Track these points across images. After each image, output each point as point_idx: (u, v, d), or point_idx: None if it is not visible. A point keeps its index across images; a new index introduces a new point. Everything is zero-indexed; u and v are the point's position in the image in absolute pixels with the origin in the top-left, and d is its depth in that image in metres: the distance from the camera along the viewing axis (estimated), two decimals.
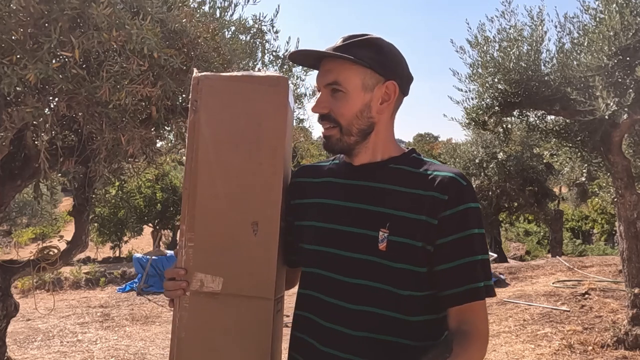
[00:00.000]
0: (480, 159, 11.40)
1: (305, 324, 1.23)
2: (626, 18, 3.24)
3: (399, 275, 1.12)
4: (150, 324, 6.63)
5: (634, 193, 4.29)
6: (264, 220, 1.19)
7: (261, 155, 1.20)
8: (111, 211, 15.09)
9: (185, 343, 1.20)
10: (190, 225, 1.20)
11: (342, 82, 1.16)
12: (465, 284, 1.11)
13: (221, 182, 1.20)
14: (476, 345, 1.10)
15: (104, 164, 3.15)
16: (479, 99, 4.28)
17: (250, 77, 1.22)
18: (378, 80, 1.18)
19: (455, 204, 1.11)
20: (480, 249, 1.12)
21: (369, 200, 1.16)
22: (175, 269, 1.21)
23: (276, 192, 1.20)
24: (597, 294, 6.08)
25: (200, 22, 2.83)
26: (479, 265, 1.12)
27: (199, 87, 1.21)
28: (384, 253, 1.11)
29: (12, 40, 2.09)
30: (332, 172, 1.28)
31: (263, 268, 1.18)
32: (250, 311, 1.18)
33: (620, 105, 3.27)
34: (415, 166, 1.19)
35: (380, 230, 1.12)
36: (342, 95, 1.17)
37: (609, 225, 19.30)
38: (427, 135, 51.79)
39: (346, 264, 1.15)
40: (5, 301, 3.43)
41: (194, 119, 1.21)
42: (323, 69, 1.20)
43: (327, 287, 1.18)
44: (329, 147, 1.21)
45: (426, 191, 1.13)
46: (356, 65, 1.16)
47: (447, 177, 1.13)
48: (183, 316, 1.20)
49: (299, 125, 4.38)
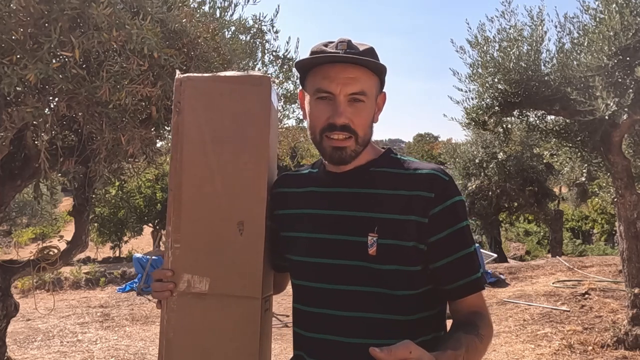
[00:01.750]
0: (480, 159, 11.41)
1: (297, 339, 1.23)
2: (626, 18, 3.24)
3: (390, 276, 1.12)
4: (150, 324, 6.63)
5: (634, 193, 4.29)
6: (249, 220, 1.19)
7: (246, 154, 1.20)
8: (111, 211, 15.12)
9: (173, 344, 1.21)
10: (177, 226, 1.21)
11: (367, 92, 1.15)
12: (467, 276, 1.14)
13: (206, 183, 1.21)
14: (491, 325, 1.17)
15: (104, 164, 3.15)
16: (479, 99, 4.28)
17: (233, 77, 1.23)
18: (378, 90, 1.20)
19: (442, 199, 1.12)
20: (471, 240, 1.16)
21: (355, 207, 1.16)
22: (162, 270, 1.21)
23: (261, 191, 1.20)
24: (597, 294, 6.08)
25: (200, 22, 2.83)
26: (473, 256, 1.16)
27: (181, 88, 1.22)
28: (373, 257, 1.11)
29: (12, 40, 2.09)
30: (314, 180, 1.26)
31: (250, 267, 1.19)
32: (238, 311, 1.19)
33: (620, 106, 3.28)
34: (395, 166, 1.19)
35: (368, 235, 1.12)
36: (362, 106, 1.15)
37: (609, 225, 19.30)
38: (427, 135, 51.85)
39: (336, 272, 1.15)
40: (5, 301, 3.43)
41: (177, 120, 1.22)
42: (344, 76, 1.13)
43: (316, 299, 1.17)
44: (343, 158, 1.16)
45: (411, 191, 1.13)
46: (374, 76, 1.17)
47: (430, 174, 1.14)
48: (171, 317, 1.21)
49: (299, 125, 4.38)
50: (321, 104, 1.15)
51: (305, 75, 1.21)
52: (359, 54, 1.14)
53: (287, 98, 3.88)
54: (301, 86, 1.26)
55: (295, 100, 3.88)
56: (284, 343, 5.22)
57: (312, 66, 1.17)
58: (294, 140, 4.42)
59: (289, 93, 3.87)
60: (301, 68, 1.21)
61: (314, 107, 1.17)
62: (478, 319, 1.13)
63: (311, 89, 1.18)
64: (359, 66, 1.13)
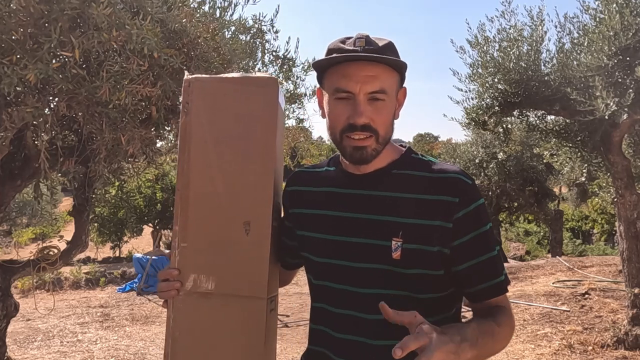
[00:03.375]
0: (480, 159, 11.41)
1: (321, 337, 1.23)
2: (626, 18, 3.24)
3: (414, 280, 1.12)
4: (150, 324, 6.63)
5: (634, 193, 4.29)
6: (256, 220, 1.19)
7: (252, 155, 1.20)
8: (111, 211, 15.10)
9: (179, 343, 1.21)
10: (183, 226, 1.21)
11: (387, 90, 1.12)
12: (491, 279, 1.13)
13: (213, 183, 1.21)
14: (511, 320, 1.15)
15: (104, 164, 3.14)
16: (479, 99, 4.28)
17: (240, 78, 1.23)
18: (399, 86, 1.18)
19: (467, 204, 1.11)
20: (494, 243, 1.16)
21: (378, 210, 1.15)
22: (168, 270, 1.21)
23: (267, 192, 1.20)
24: (597, 294, 6.08)
25: (200, 22, 2.83)
26: (497, 259, 1.15)
27: (190, 89, 1.23)
28: (397, 261, 1.11)
29: (12, 40, 2.09)
30: (332, 181, 1.25)
31: (256, 267, 1.19)
32: (244, 310, 1.19)
33: (620, 105, 3.27)
34: (417, 169, 1.18)
35: (392, 239, 1.11)
36: (383, 104, 1.12)
37: (609, 225, 19.30)
38: (427, 135, 51.86)
39: (358, 275, 1.14)
40: (5, 301, 3.43)
41: (185, 120, 1.22)
42: (363, 74, 1.10)
43: (340, 299, 1.17)
44: (365, 157, 1.14)
45: (435, 195, 1.12)
46: (394, 72, 1.14)
47: (453, 178, 1.13)
48: (177, 316, 1.21)
49: (299, 125, 4.39)
50: (340, 103, 1.13)
51: (323, 73, 1.18)
52: (378, 50, 1.10)
53: (287, 98, 3.88)
54: (319, 84, 1.23)
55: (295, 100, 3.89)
56: (284, 343, 5.22)
57: (330, 65, 1.14)
58: (294, 140, 4.43)
59: (288, 93, 3.87)
60: (319, 67, 1.18)
61: (333, 107, 1.14)
62: (496, 311, 1.13)
63: (330, 88, 1.15)
64: (379, 63, 1.10)
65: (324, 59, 1.13)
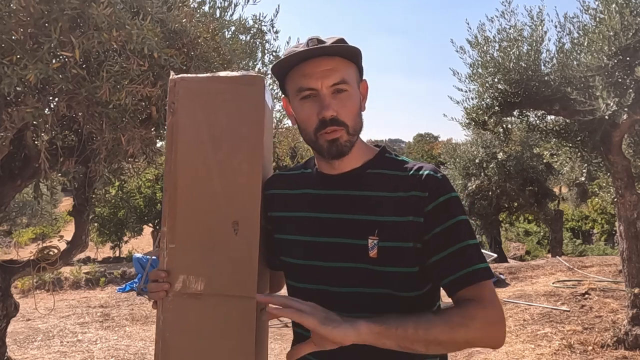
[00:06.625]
0: (480, 159, 11.41)
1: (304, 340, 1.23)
2: (626, 18, 3.24)
3: (393, 277, 1.12)
4: (150, 324, 6.63)
5: (634, 193, 4.29)
6: (244, 219, 1.19)
7: (240, 154, 1.20)
8: (111, 211, 15.11)
9: (169, 344, 1.21)
10: (172, 227, 1.21)
11: (348, 80, 1.15)
12: (463, 269, 1.09)
13: (201, 183, 1.21)
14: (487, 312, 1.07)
15: (104, 164, 3.15)
16: (479, 99, 4.28)
17: (226, 77, 1.23)
18: (359, 77, 1.21)
19: (435, 196, 1.12)
20: (468, 235, 1.12)
21: (354, 210, 1.16)
22: (157, 271, 1.21)
23: (256, 191, 1.20)
24: (597, 294, 6.08)
25: (200, 22, 2.83)
26: (470, 249, 1.11)
27: (176, 89, 1.23)
28: (374, 259, 1.12)
29: (12, 40, 2.09)
30: (308, 182, 1.26)
31: (245, 267, 1.19)
32: (234, 310, 1.18)
33: (620, 105, 3.27)
34: (391, 168, 1.20)
35: (369, 238, 1.12)
36: (347, 95, 1.15)
37: (609, 225, 19.30)
38: (427, 135, 51.88)
39: (337, 274, 1.15)
40: (5, 301, 3.43)
41: (172, 121, 1.22)
42: (321, 69, 1.13)
43: (321, 301, 1.15)
44: (340, 150, 1.15)
45: (407, 192, 1.14)
46: (351, 63, 1.17)
47: (424, 174, 1.15)
48: (167, 317, 1.21)
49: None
50: (307, 102, 1.15)
51: (283, 80, 1.21)
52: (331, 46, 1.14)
53: None
54: (283, 94, 1.25)
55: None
56: (284, 343, 5.21)
57: (288, 69, 1.17)
58: (294, 140, 4.42)
59: None
60: (278, 74, 1.20)
61: (300, 109, 1.17)
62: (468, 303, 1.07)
63: (293, 91, 1.18)
64: (334, 57, 1.14)
65: (281, 60, 1.16)
